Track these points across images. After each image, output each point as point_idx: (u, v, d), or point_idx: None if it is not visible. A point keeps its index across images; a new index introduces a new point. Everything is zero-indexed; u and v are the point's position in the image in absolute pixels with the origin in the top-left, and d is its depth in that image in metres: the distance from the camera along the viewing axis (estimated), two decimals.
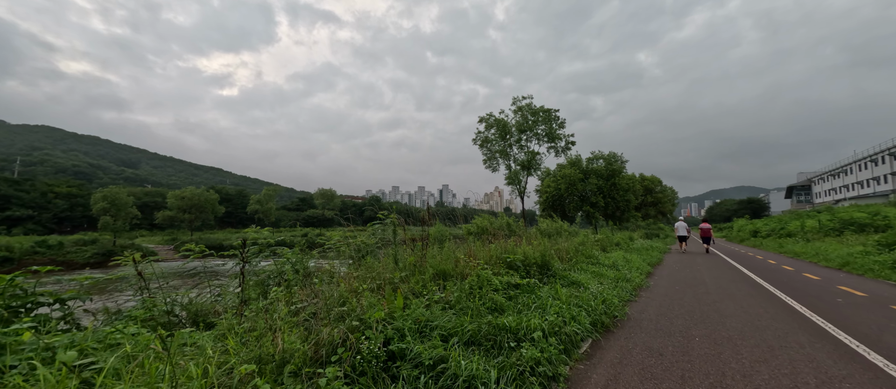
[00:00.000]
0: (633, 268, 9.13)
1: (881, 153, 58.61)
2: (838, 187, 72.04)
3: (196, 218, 56.59)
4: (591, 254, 9.30)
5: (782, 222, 27.36)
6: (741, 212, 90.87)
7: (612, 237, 14.92)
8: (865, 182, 63.31)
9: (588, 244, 10.83)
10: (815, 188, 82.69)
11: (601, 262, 8.89)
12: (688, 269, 11.00)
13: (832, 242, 16.08)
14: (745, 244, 26.52)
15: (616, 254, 10.89)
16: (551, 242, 10.42)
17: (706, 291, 7.30)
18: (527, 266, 5.78)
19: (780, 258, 14.93)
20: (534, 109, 20.21)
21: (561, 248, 8.30)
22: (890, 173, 56.47)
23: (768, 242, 22.38)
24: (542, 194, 37.21)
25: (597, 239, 13.62)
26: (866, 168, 63.14)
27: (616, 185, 34.36)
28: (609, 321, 4.63)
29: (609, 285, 6.57)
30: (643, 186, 45.87)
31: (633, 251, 13.81)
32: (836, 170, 73.09)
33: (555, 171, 37.29)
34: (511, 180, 20.48)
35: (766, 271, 10.57)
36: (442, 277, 4.78)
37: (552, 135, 20.41)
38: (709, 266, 11.76)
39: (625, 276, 7.60)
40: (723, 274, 9.87)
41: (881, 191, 57.50)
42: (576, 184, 34.02)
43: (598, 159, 35.87)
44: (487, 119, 20.56)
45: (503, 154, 20.34)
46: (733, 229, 39.31)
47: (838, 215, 20.64)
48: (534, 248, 6.53)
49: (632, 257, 11.35)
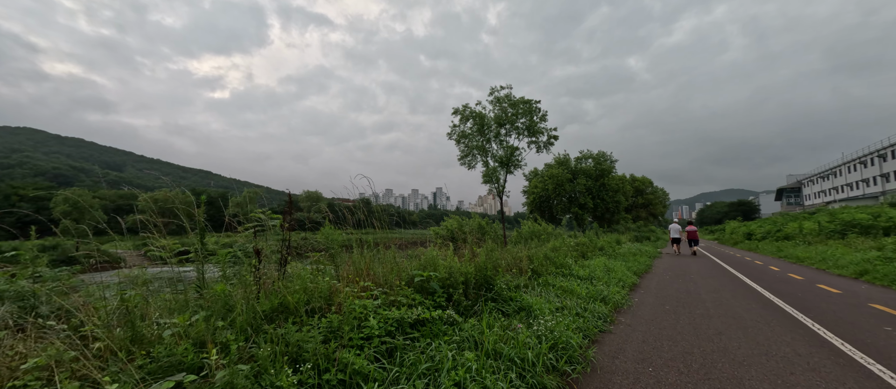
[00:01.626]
0: (614, 280, 7.38)
1: (870, 155, 58.58)
2: (828, 190, 72.11)
3: (171, 221, 53.81)
4: (563, 263, 7.53)
5: (777, 224, 26.05)
6: (732, 214, 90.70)
7: (596, 241, 13.22)
8: (855, 184, 63.33)
9: (562, 250, 9.07)
10: (805, 191, 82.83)
11: (574, 273, 7.13)
12: (680, 280, 9.31)
13: (837, 245, 14.61)
14: (739, 248, 25.12)
15: (596, 261, 9.16)
16: (521, 247, 8.66)
17: (705, 313, 5.57)
18: (450, 287, 3.97)
19: (781, 263, 13.37)
20: (513, 101, 18.40)
21: (521, 256, 6.51)
22: (879, 174, 56.33)
23: (765, 245, 20.95)
24: (529, 195, 35.58)
25: (577, 243, 11.89)
26: (855, 170, 63.16)
27: (605, 185, 32.89)
28: (555, 386, 2.81)
29: (575, 308, 4.79)
30: (634, 187, 44.59)
31: (619, 256, 12.12)
32: (826, 172, 73.22)
33: (542, 171, 35.74)
34: (488, 178, 18.65)
35: (773, 281, 8.92)
36: (287, 313, 2.95)
37: (533, 129, 18.61)
38: (704, 275, 10.09)
39: (600, 293, 5.82)
40: (722, 285, 8.19)
41: (870, 193, 57.35)
42: (563, 184, 32.46)
43: (586, 158, 34.41)
44: (463, 111, 18.69)
45: (481, 150, 18.51)
46: (725, 231, 38.09)
47: (839, 216, 19.29)
48: (469, 259, 4.71)
49: (615, 264, 9.63)
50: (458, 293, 3.97)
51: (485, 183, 18.79)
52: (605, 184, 32.88)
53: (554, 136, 18.93)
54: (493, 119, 18.34)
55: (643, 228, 38.12)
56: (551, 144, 19.14)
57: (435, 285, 3.74)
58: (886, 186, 54.89)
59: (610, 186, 33.05)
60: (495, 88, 18.31)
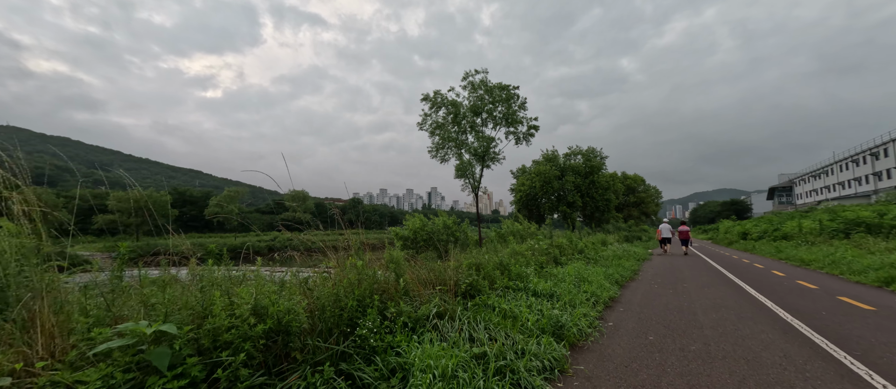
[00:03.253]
0: (586, 295, 5.68)
1: (862, 154, 58.16)
2: (819, 188, 71.88)
3: (144, 222, 51.26)
4: (520, 273, 5.81)
5: (774, 223, 24.70)
6: (724, 214, 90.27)
7: (577, 242, 11.53)
8: (847, 183, 63.02)
9: (527, 254, 7.36)
10: (797, 190, 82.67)
11: (531, 288, 5.40)
12: (671, 290, 7.66)
13: (844, 246, 13.14)
14: (734, 248, 23.70)
15: (569, 268, 7.45)
16: (476, 252, 6.94)
17: (704, 350, 3.87)
18: (250, 340, 2.19)
19: (785, 267, 11.82)
20: (489, 87, 16.59)
21: (446, 269, 4.77)
22: (872, 172, 55.86)
23: (762, 246, 19.50)
24: (516, 193, 34.02)
25: (554, 245, 10.19)
26: (847, 169, 62.84)
27: (595, 183, 31.40)
28: None
29: (506, 352, 3.06)
30: (625, 185, 43.23)
31: (601, 260, 10.46)
32: (817, 171, 73.01)
33: (530, 167, 34.18)
34: (461, 173, 16.79)
35: (783, 292, 7.30)
36: None
37: (511, 118, 16.81)
38: (700, 283, 8.46)
39: (556, 320, 4.09)
40: (722, 299, 6.54)
41: (862, 191, 56.89)
42: (551, 182, 30.91)
43: (575, 154, 32.89)
44: (433, 98, 16.77)
45: (455, 142, 16.62)
46: (719, 230, 36.81)
47: (841, 213, 17.89)
48: (338, 280, 2.94)
49: (593, 271, 7.94)
50: (282, 344, 2.17)
51: (458, 178, 16.96)
52: (594, 181, 31.39)
53: (534, 126, 17.14)
54: (469, 108, 16.49)
55: (634, 227, 36.71)
56: (531, 135, 17.36)
57: (161, 357, 1.91)
58: (879, 184, 54.38)
59: (600, 183, 31.57)
60: (470, 72, 16.46)
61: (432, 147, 17.04)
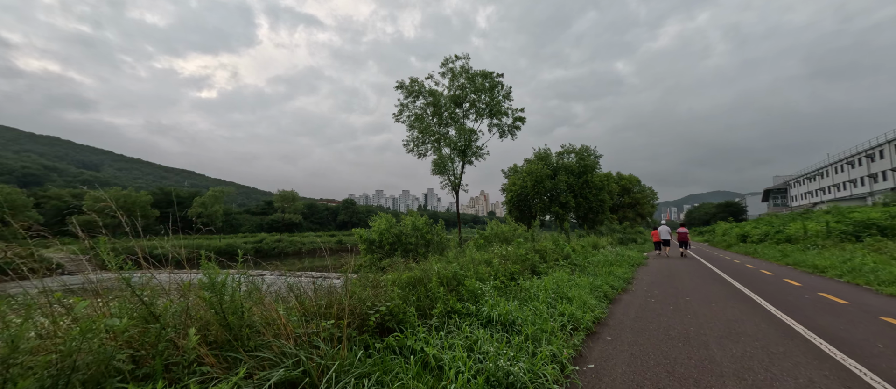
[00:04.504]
0: (560, 320, 4.24)
1: (858, 155, 57.73)
2: (814, 190, 71.48)
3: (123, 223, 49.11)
4: (475, 290, 4.36)
5: (775, 225, 23.52)
6: (719, 215, 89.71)
7: (564, 246, 10.11)
8: (842, 185, 62.59)
9: (496, 264, 5.92)
10: (792, 191, 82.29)
11: (486, 313, 3.94)
12: (671, 307, 6.26)
13: (860, 251, 11.87)
14: (734, 251, 22.44)
15: (546, 280, 6.03)
16: (430, 261, 5.50)
17: None
18: None
19: (798, 275, 10.49)
20: (471, 74, 15.06)
21: (379, 285, 3.31)
22: (867, 174, 55.35)
23: (765, 249, 18.25)
24: (507, 193, 32.67)
25: (535, 249, 8.77)
26: (842, 171, 62.40)
27: (588, 183, 30.10)
28: None
29: None
30: (620, 185, 42.06)
31: (590, 267, 9.05)
32: (812, 173, 72.68)
33: (522, 167, 32.87)
34: (438, 168, 15.19)
35: (810, 310, 5.93)
36: None
37: (495, 109, 15.26)
38: (705, 297, 7.08)
39: (504, 374, 2.65)
40: (740, 323, 5.14)
41: (858, 193, 56.38)
42: (543, 181, 29.58)
43: (569, 153, 31.61)
44: (409, 86, 15.16)
45: (433, 135, 15.03)
46: (716, 232, 35.67)
47: (849, 215, 16.69)
48: None
49: (578, 282, 6.53)
50: None
51: (435, 174, 15.41)
52: (588, 181, 30.08)
53: (520, 118, 15.61)
54: (449, 98, 14.94)
55: (629, 229, 35.48)
56: (517, 128, 15.86)
57: None
58: (875, 186, 53.86)
59: (594, 183, 30.28)
60: (450, 58, 14.88)
61: (408, 141, 15.45)
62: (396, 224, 10.51)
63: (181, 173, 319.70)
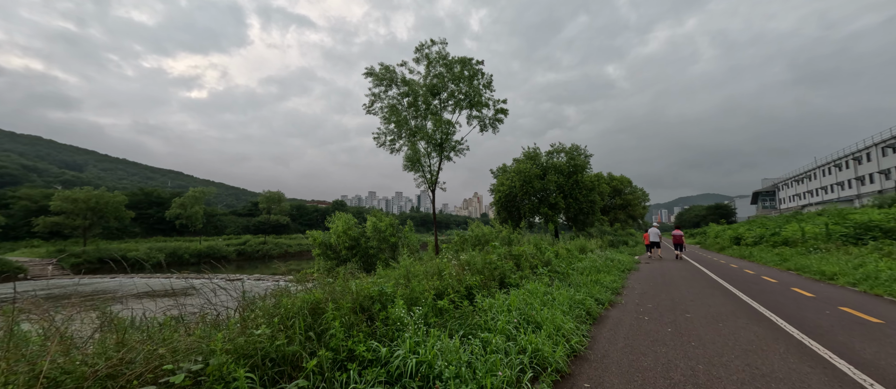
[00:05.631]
0: (516, 362, 2.96)
1: (845, 158, 58.16)
2: (802, 193, 72.03)
3: (94, 224, 46.52)
4: (399, 319, 3.06)
5: (769, 227, 22.71)
6: (710, 218, 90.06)
7: (544, 251, 8.87)
8: (829, 187, 63.05)
9: (448, 277, 4.62)
10: (780, 194, 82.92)
11: (393, 363, 2.64)
12: (669, 325, 5.04)
13: (873, 256, 10.86)
14: (728, 254, 21.54)
15: (516, 296, 4.75)
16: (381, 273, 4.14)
17: None
18: None
19: (804, 282, 9.42)
20: (448, 61, 13.66)
21: None
22: (854, 177, 55.68)
23: (760, 252, 17.31)
24: (496, 194, 31.48)
25: (511, 254, 7.51)
26: (830, 173, 62.86)
27: (579, 183, 29.07)
28: None
29: None
30: (611, 186, 41.21)
31: (573, 274, 7.81)
32: (800, 176, 73.29)
33: (511, 166, 31.76)
34: (411, 164, 13.69)
35: (842, 333, 4.75)
36: None
37: (475, 100, 13.86)
38: (709, 312, 5.88)
39: None
40: (761, 356, 3.91)
41: (846, 196, 56.68)
42: (532, 181, 28.47)
43: (558, 152, 30.56)
44: (380, 74, 13.67)
45: (411, 129, 13.51)
46: (708, 235, 34.97)
47: (851, 216, 15.83)
48: None
49: (557, 295, 5.28)
50: None
51: (407, 171, 13.96)
52: (578, 181, 29.04)
53: (502, 109, 14.25)
54: (425, 87, 13.51)
55: (620, 231, 34.57)
56: (500, 121, 14.52)
57: None
58: (862, 188, 54.16)
59: (584, 183, 29.26)
60: (425, 43, 13.44)
61: (379, 133, 13.92)
62: (356, 226, 9.14)
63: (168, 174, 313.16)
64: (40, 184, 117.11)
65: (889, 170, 46.94)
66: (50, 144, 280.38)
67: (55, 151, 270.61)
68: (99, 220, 45.20)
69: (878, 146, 48.58)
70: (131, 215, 49.16)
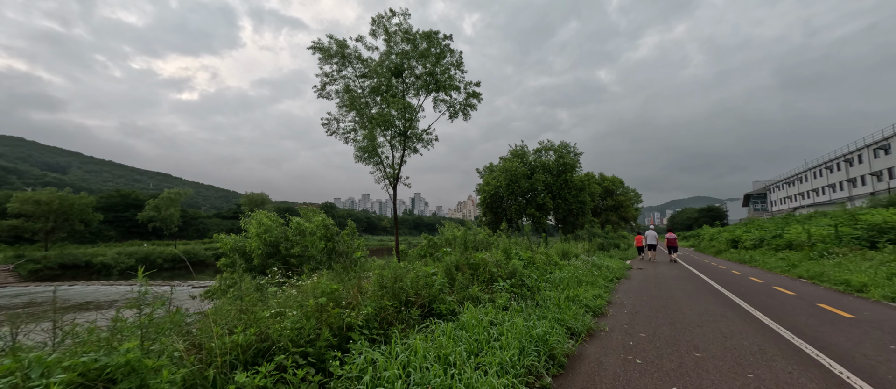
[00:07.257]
0: None
1: (836, 160, 57.80)
2: (794, 195, 71.72)
3: (59, 228, 43.57)
4: None
5: (769, 229, 21.29)
6: (702, 220, 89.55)
7: (511, 261, 7.09)
8: (821, 189, 62.70)
9: (309, 309, 2.81)
10: (771, 196, 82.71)
11: None
12: (672, 370, 3.25)
13: None
14: (725, 258, 20.02)
15: (445, 331, 2.96)
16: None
17: None
18: None
19: (830, 295, 7.75)
20: (411, 35, 11.72)
21: None
22: (845, 179, 55.26)
23: (762, 256, 15.76)
24: (481, 194, 29.77)
25: (468, 263, 5.73)
26: (821, 175, 62.51)
27: (568, 183, 27.48)
28: None
29: None
30: (603, 187, 39.79)
31: (547, 287, 6.04)
32: (791, 178, 73.04)
33: (497, 165, 30.12)
34: (367, 154, 11.58)
35: None
36: None
37: (443, 80, 11.84)
38: (728, 354, 4.14)
39: None
40: None
41: (837, 198, 56.20)
42: (519, 180, 26.82)
43: (547, 150, 28.97)
44: (328, 48, 11.62)
45: (361, 112, 11.61)
46: (703, 237, 33.61)
47: (863, 218, 14.35)
48: None
49: (505, 329, 3.49)
50: None
51: (360, 162, 11.95)
52: (567, 181, 27.46)
53: (475, 93, 12.28)
54: (386, 67, 11.55)
55: (611, 233, 33.04)
56: (472, 107, 12.60)
57: None
58: (854, 190, 53.69)
59: (573, 183, 27.69)
60: (384, 15, 11.43)
61: (329, 119, 11.88)
62: (278, 228, 7.30)
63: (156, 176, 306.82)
64: (19, 186, 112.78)
65: (881, 172, 46.34)
66: (33, 146, 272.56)
67: (38, 152, 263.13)
68: (64, 223, 42.27)
69: (870, 148, 48.01)
70: (99, 217, 46.30)
